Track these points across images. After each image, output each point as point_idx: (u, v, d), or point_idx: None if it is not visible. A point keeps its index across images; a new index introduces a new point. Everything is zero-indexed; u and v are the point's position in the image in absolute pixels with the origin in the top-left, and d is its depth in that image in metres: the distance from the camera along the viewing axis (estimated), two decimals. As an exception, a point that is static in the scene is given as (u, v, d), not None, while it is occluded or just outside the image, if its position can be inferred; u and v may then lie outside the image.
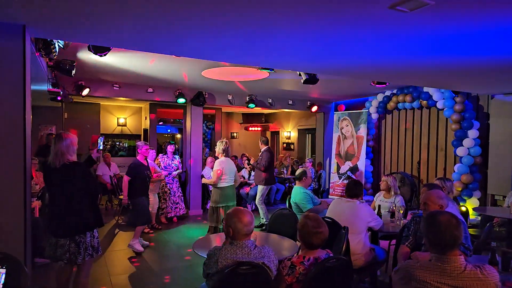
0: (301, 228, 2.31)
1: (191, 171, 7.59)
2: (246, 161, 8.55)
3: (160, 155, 6.74)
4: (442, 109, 6.46)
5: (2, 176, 2.78)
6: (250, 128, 13.12)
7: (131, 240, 5.06)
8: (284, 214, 3.87)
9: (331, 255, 2.33)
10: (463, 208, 4.39)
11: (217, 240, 3.29)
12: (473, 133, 5.96)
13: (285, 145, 12.21)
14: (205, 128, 12.67)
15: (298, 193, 4.35)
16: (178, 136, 13.80)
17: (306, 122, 10.96)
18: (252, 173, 8.00)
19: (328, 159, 9.18)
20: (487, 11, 2.40)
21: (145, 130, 10.57)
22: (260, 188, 6.34)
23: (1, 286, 1.88)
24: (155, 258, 4.84)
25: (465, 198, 6.04)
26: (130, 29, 2.96)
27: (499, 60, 3.66)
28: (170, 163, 6.65)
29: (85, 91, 6.26)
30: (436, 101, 6.48)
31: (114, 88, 6.70)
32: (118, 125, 10.90)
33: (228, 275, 2.06)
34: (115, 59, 4.98)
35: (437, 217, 1.88)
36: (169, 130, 14.58)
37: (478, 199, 6.00)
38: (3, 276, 1.89)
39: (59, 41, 3.69)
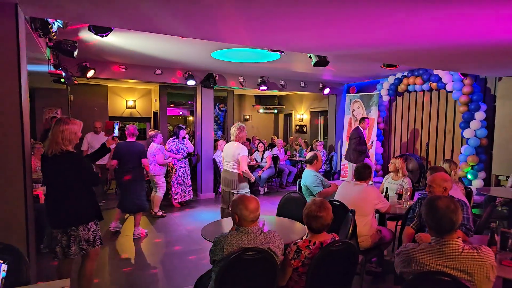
0: (304, 211, 2.39)
1: (203, 155, 7.61)
2: (259, 143, 8.73)
3: (171, 138, 6.75)
4: (451, 92, 6.54)
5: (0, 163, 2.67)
6: (263, 111, 13.17)
7: (135, 229, 5.14)
8: (294, 197, 3.91)
9: (337, 239, 2.39)
10: (468, 189, 4.55)
11: (225, 226, 3.31)
12: (480, 115, 6.06)
13: (298, 127, 12.29)
14: (218, 110, 12.78)
15: (309, 176, 4.44)
16: (191, 118, 13.86)
17: (319, 104, 11.01)
18: (265, 155, 8.23)
19: (339, 141, 9.32)
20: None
21: (155, 113, 10.43)
22: None
23: (2, 279, 1.79)
24: (166, 242, 4.95)
25: (471, 178, 6.20)
26: (130, 8, 2.76)
27: (506, 42, 3.70)
28: (182, 146, 6.73)
29: (90, 73, 6.01)
30: (445, 84, 6.55)
31: (121, 69, 6.54)
32: (127, 107, 10.72)
33: (234, 261, 2.08)
34: (120, 40, 4.84)
35: (436, 202, 1.98)
36: (181, 113, 14.58)
37: (483, 179, 6.15)
38: (3, 268, 1.80)
39: (57, 20, 3.46)
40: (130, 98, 10.81)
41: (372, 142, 7.62)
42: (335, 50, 4.44)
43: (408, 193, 4.34)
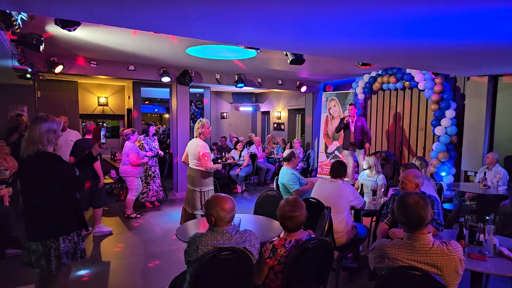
0: (278, 211, 2.36)
1: (178, 153, 7.46)
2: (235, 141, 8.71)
3: (142, 136, 6.54)
4: (423, 90, 6.74)
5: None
6: (241, 108, 13.16)
7: (95, 226, 5.01)
8: (271, 195, 3.89)
9: (313, 236, 2.40)
10: (438, 185, 4.70)
11: (201, 226, 3.26)
12: (450, 113, 6.29)
13: (275, 125, 12.34)
14: (194, 107, 12.66)
15: (286, 174, 4.46)
16: (167, 116, 13.64)
17: (297, 102, 11.09)
18: (243, 154, 8.21)
19: (316, 139, 9.43)
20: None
21: (129, 110, 10.19)
22: None
23: None
24: (140, 243, 4.85)
25: (442, 174, 6.41)
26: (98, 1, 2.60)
27: (473, 44, 3.83)
28: (153, 144, 6.57)
29: (58, 68, 5.78)
30: (418, 82, 6.74)
31: (91, 65, 6.31)
32: (99, 104, 10.41)
33: (209, 262, 2.05)
34: (90, 34, 4.67)
35: (406, 198, 2.02)
36: (156, 110, 14.27)
37: (453, 175, 6.38)
38: None
39: (22, 13, 3.25)
40: (102, 95, 10.50)
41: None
42: (310, 49, 4.47)
43: (382, 190, 4.44)
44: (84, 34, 4.68)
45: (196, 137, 4.60)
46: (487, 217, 2.73)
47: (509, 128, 5.84)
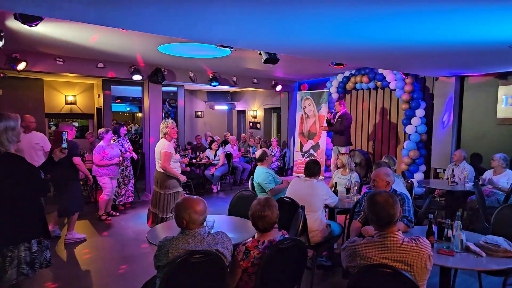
0: (250, 211, 2.33)
1: (151, 153, 7.14)
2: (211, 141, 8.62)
3: (114, 137, 6.32)
4: (394, 90, 6.91)
5: None
6: (216, 107, 13.06)
7: (67, 233, 4.78)
8: (245, 195, 3.86)
9: (286, 236, 2.37)
10: (409, 183, 4.83)
11: (173, 228, 3.12)
12: (420, 112, 6.48)
13: (251, 124, 12.32)
14: (168, 106, 12.44)
15: (261, 174, 4.45)
16: (139, 115, 13.35)
17: (272, 101, 11.11)
18: (218, 153, 8.14)
19: (292, 137, 9.48)
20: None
21: (99, 109, 9.85)
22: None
23: None
24: (112, 247, 4.71)
25: (413, 172, 6.60)
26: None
27: (440, 46, 3.96)
28: (127, 145, 6.42)
29: (21, 65, 5.51)
30: (389, 82, 6.90)
31: (57, 62, 6.02)
32: (67, 103, 10.03)
33: (180, 266, 1.99)
34: (55, 30, 4.47)
35: (375, 197, 2.05)
36: (128, 109, 13.91)
37: (423, 172, 6.58)
38: None
39: None
40: (70, 93, 10.11)
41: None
42: (283, 49, 4.47)
43: (356, 188, 4.50)
44: (48, 29, 4.47)
45: (162, 137, 4.50)
46: (457, 213, 2.80)
47: (475, 127, 6.08)
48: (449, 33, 3.43)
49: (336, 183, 4.91)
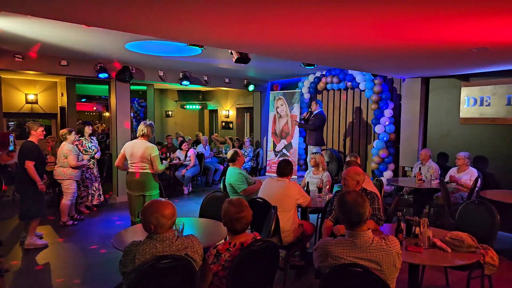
0: (224, 214, 2.26)
1: (118, 154, 7.05)
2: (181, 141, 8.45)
3: (76, 137, 5.96)
4: (364, 90, 7.06)
5: None
6: (187, 106, 12.86)
7: (28, 238, 4.54)
8: (217, 197, 3.77)
9: (258, 237, 2.32)
10: (379, 181, 4.93)
11: (143, 232, 3.11)
12: (388, 112, 6.66)
13: (224, 124, 12.22)
14: (137, 106, 12.12)
15: (233, 174, 4.39)
16: (107, 114, 12.93)
17: (245, 100, 11.07)
18: (189, 153, 7.99)
19: (265, 137, 9.48)
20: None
21: (62, 108, 9.42)
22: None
23: None
24: (76, 253, 4.50)
25: (382, 170, 6.77)
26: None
27: (406, 49, 4.07)
28: (90, 145, 6.17)
29: None
30: (359, 83, 7.04)
31: (16, 59, 5.68)
32: (27, 102, 9.53)
33: (147, 272, 1.90)
34: (12, 25, 4.22)
35: (345, 196, 2.06)
36: (95, 108, 13.50)
37: (392, 171, 6.76)
38: None
39: None
40: (30, 92, 9.59)
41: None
42: (254, 48, 4.45)
43: (327, 187, 4.54)
44: (6, 24, 4.19)
45: (142, 138, 4.31)
46: (424, 210, 2.87)
47: (440, 126, 6.31)
48: (415, 37, 3.53)
49: (308, 182, 4.95)
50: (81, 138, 6.10)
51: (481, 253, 2.51)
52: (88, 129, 6.17)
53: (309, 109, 7.30)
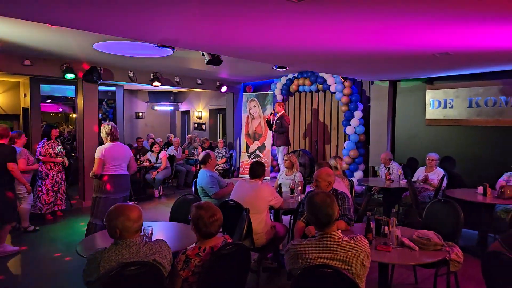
0: (196, 219, 2.18)
1: (85, 157, 6.76)
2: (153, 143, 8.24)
3: (43, 140, 5.79)
4: (334, 93, 7.19)
5: None
6: (158, 107, 12.60)
7: None
8: (188, 200, 3.67)
9: (229, 241, 2.30)
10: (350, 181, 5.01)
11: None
12: (358, 114, 6.82)
13: (196, 125, 12.07)
14: (106, 107, 11.75)
15: (204, 177, 4.31)
16: (74, 115, 12.46)
17: (217, 102, 10.98)
18: (160, 156, 7.82)
19: (238, 139, 9.44)
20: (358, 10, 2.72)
21: (25, 109, 8.99)
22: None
23: None
24: (38, 262, 4.25)
25: (353, 171, 6.91)
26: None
27: (374, 52, 4.18)
28: (59, 148, 5.90)
29: None
30: (330, 85, 7.16)
31: None
32: None
33: (113, 280, 1.82)
34: None
35: (314, 198, 2.08)
36: (61, 109, 13.03)
37: (362, 171, 6.91)
38: None
39: None
40: (-10, 92, 9.08)
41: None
42: (225, 50, 4.44)
43: (300, 188, 4.55)
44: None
45: (113, 141, 4.19)
46: (392, 210, 2.93)
47: (407, 127, 6.52)
48: (382, 42, 3.63)
49: (280, 184, 4.95)
50: (49, 141, 5.84)
51: (446, 250, 2.58)
52: (55, 132, 5.92)
53: (273, 111, 7.31)
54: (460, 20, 2.84)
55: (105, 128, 4.16)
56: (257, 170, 3.81)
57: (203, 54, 5.05)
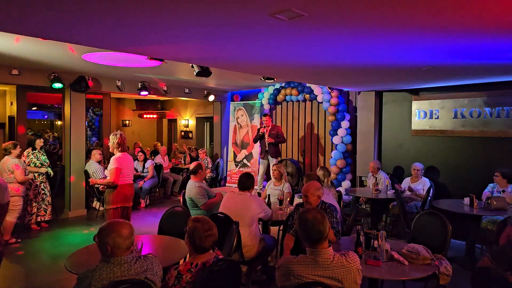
0: (191, 232, 2.18)
1: (72, 165, 6.67)
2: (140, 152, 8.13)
3: (28, 150, 5.74)
4: (321, 103, 7.26)
5: None
6: (145, 116, 12.49)
7: None
8: (177, 212, 3.67)
9: (220, 257, 2.29)
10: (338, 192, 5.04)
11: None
12: (345, 124, 6.89)
13: (183, 133, 11.99)
14: (92, 114, 11.57)
15: (193, 188, 4.27)
16: (59, 123, 12.23)
17: (205, 110, 10.94)
18: (146, 165, 7.71)
19: (225, 147, 9.40)
20: (346, 27, 2.77)
21: (11, 118, 8.83)
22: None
23: None
24: (22, 275, 4.16)
25: (340, 181, 6.96)
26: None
27: (361, 66, 4.26)
28: (44, 158, 5.82)
29: None
30: (317, 95, 7.23)
31: None
32: None
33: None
34: None
35: (304, 215, 2.08)
36: (46, 117, 12.82)
37: (350, 180, 6.97)
38: None
39: None
40: (-25, 101, 8.83)
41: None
42: (214, 64, 4.51)
43: (288, 199, 4.55)
44: None
45: (123, 151, 4.23)
46: (381, 223, 2.95)
47: (393, 137, 6.62)
48: (369, 56, 3.70)
49: (269, 194, 4.94)
50: (34, 151, 5.72)
51: (435, 265, 2.61)
52: (39, 142, 5.81)
53: (263, 125, 7.14)
54: (444, 36, 2.92)
55: (116, 138, 4.16)
56: (245, 182, 3.80)
57: (192, 66, 5.07)
